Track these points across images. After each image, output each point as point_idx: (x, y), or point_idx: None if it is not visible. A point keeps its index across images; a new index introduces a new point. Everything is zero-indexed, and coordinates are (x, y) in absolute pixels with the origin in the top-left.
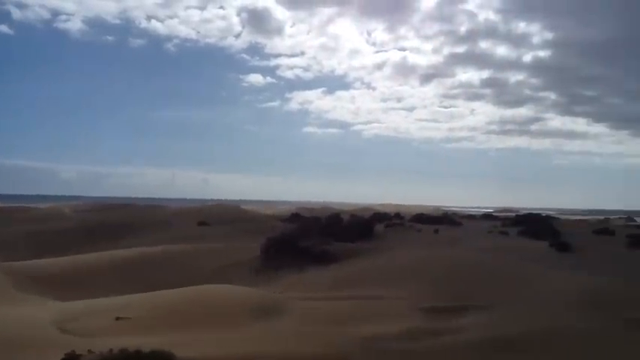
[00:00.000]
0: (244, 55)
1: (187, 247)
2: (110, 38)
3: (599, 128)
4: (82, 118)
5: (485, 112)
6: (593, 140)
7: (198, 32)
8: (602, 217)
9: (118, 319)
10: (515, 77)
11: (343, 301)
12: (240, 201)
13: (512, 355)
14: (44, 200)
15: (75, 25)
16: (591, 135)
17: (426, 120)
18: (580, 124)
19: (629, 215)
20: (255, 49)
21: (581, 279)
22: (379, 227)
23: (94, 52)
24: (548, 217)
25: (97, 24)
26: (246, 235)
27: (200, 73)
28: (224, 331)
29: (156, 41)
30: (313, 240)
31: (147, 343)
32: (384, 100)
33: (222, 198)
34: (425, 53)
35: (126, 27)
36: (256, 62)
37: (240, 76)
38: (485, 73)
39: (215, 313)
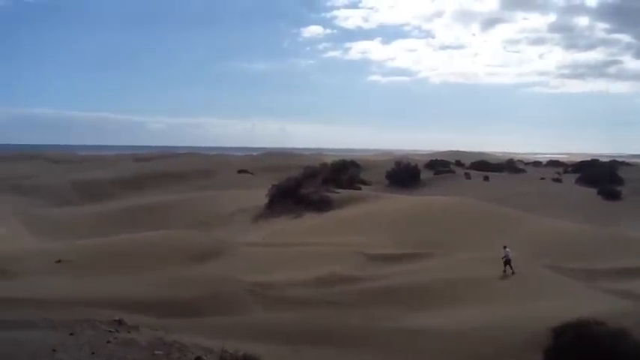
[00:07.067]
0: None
1: (197, 195)
2: None
3: None
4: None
5: (554, 56)
6: None
7: None
8: None
9: (58, 261)
10: (582, 21)
11: (294, 247)
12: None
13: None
14: (134, 149)
15: None
16: None
17: (493, 65)
18: None
19: None
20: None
21: (557, 228)
22: (428, 174)
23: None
24: (616, 163)
25: None
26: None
27: (268, 26)
28: (151, 274)
29: None
30: (315, 187)
31: (80, 283)
32: (443, 48)
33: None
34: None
35: None
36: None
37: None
38: (551, 17)
39: (154, 258)
